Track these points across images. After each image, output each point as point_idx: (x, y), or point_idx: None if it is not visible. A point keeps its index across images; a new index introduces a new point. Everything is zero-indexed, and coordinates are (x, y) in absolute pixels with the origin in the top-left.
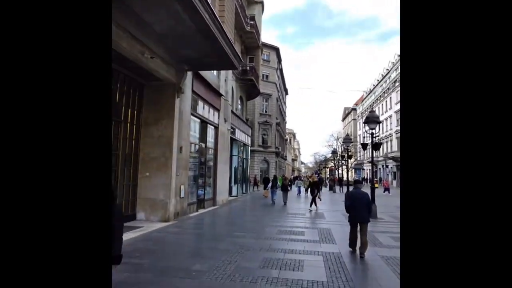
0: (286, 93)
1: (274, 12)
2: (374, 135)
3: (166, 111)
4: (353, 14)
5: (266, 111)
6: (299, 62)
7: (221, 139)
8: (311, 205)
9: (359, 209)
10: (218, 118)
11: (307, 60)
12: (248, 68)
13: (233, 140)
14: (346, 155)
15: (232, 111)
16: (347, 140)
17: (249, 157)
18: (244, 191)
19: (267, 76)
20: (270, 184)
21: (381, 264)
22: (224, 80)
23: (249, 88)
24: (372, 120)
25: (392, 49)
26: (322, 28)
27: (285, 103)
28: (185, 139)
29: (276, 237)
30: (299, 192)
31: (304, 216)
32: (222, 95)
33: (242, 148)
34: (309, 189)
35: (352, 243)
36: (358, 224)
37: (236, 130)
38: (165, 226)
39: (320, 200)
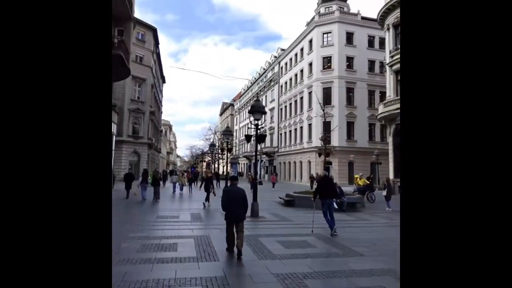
0: (163, 81)
1: None
2: (260, 126)
3: None
4: (234, 14)
5: (138, 98)
6: (177, 53)
7: None
8: (206, 200)
9: (235, 207)
10: None
11: (185, 52)
12: (116, 42)
13: None
14: (226, 147)
15: None
16: (227, 132)
17: (113, 148)
18: None
19: (141, 58)
20: (140, 180)
21: None
22: None
23: (117, 67)
24: (257, 109)
25: (266, 53)
26: (204, 22)
27: (161, 91)
28: None
29: (137, 258)
30: (175, 189)
31: (177, 219)
32: None
33: None
34: (202, 184)
35: (230, 244)
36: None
37: None
38: None
39: (214, 195)
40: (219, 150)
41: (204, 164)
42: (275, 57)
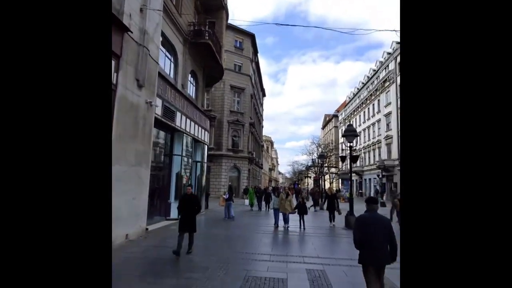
0: (263, 95)
1: (253, 21)
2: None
3: None
4: (332, 27)
5: (238, 109)
6: (277, 73)
7: (123, 116)
8: (331, 221)
9: (377, 243)
10: (117, 72)
11: (284, 72)
12: (205, 30)
13: (174, 131)
14: (349, 154)
15: (167, 80)
16: (351, 132)
17: (205, 160)
18: None
19: (240, 67)
20: (227, 196)
21: None
22: (140, 10)
23: (207, 62)
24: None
25: (368, 63)
26: (302, 40)
27: (261, 105)
28: None
29: None
30: (277, 219)
31: None
32: (129, 31)
33: (191, 145)
34: (325, 202)
35: None
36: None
37: (179, 115)
38: None
39: (339, 213)
40: (336, 160)
41: (310, 180)
42: (389, 53)
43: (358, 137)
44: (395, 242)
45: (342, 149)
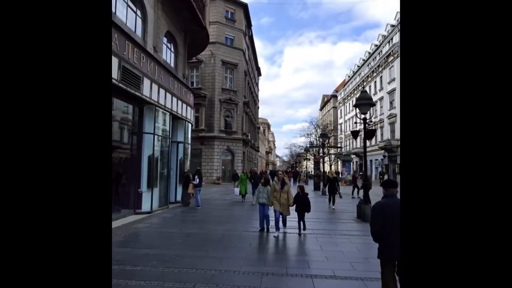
0: (259, 74)
1: (248, 2)
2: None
3: None
4: (328, 7)
5: (230, 86)
6: (273, 55)
7: None
8: (332, 203)
9: (397, 235)
10: None
11: (281, 54)
12: None
13: (143, 103)
14: (364, 127)
15: (125, 33)
16: (365, 100)
17: (189, 141)
18: (172, 199)
19: (232, 41)
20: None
21: None
22: None
23: (188, 24)
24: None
25: (365, 43)
26: (298, 20)
27: (257, 84)
28: None
29: None
30: (262, 224)
31: None
32: None
33: (169, 123)
34: (327, 186)
35: None
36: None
37: (148, 82)
38: None
39: (340, 197)
40: (335, 142)
41: (309, 162)
42: (392, 26)
43: (358, 116)
44: None
45: (350, 128)
